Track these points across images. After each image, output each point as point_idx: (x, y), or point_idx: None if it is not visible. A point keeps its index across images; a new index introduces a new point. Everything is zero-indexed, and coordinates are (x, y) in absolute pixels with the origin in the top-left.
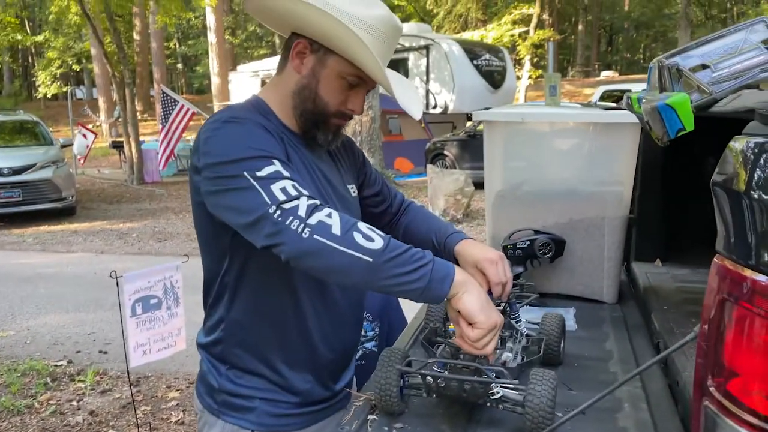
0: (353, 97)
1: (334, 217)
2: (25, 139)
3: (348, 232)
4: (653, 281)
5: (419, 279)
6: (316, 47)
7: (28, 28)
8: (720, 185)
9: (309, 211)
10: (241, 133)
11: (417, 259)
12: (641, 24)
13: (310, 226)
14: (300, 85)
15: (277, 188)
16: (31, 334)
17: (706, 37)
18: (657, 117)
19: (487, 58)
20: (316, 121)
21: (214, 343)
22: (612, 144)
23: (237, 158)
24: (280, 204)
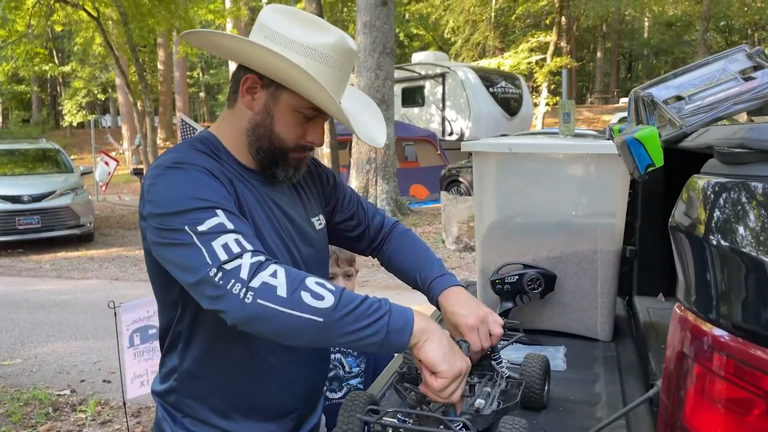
0: (311, 129)
1: (279, 277)
2: (46, 167)
3: (295, 293)
4: (654, 317)
5: (376, 333)
6: (266, 82)
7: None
8: (678, 228)
9: (252, 272)
10: (183, 180)
11: (372, 312)
12: (660, 51)
13: (252, 290)
14: (254, 122)
15: (218, 245)
16: (38, 362)
17: (686, 66)
18: (627, 151)
19: (503, 85)
20: (275, 158)
21: (168, 392)
22: (603, 175)
23: (177, 210)
24: (222, 265)
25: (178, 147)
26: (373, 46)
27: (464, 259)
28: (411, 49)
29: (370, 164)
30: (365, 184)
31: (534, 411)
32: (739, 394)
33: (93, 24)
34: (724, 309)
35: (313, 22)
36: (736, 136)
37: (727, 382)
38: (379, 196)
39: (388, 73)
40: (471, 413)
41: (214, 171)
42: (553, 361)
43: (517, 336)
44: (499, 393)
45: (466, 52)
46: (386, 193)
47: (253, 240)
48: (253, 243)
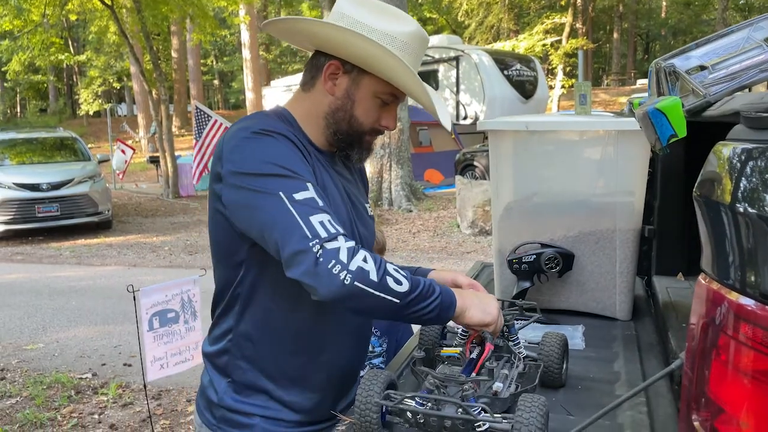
0: (386, 113)
1: (369, 262)
2: (64, 155)
3: (383, 278)
4: (674, 297)
5: (432, 310)
6: (348, 68)
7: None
8: (703, 197)
9: (350, 255)
10: (275, 147)
11: (431, 294)
12: (679, 31)
13: (351, 273)
14: (334, 106)
15: (316, 221)
16: (60, 346)
17: (708, 36)
18: (648, 123)
19: (518, 68)
20: (351, 140)
21: (219, 353)
22: (622, 153)
23: (271, 173)
24: (323, 243)
25: (260, 115)
26: None
27: (479, 243)
28: None
29: (384, 149)
30: (380, 170)
31: (552, 389)
32: (766, 363)
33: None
34: (751, 277)
35: (390, 11)
36: (764, 100)
37: (754, 351)
38: (393, 181)
39: None
40: (489, 396)
41: (299, 145)
42: (572, 340)
43: (535, 317)
44: (517, 375)
45: (480, 35)
46: (401, 179)
47: (338, 213)
48: (339, 215)
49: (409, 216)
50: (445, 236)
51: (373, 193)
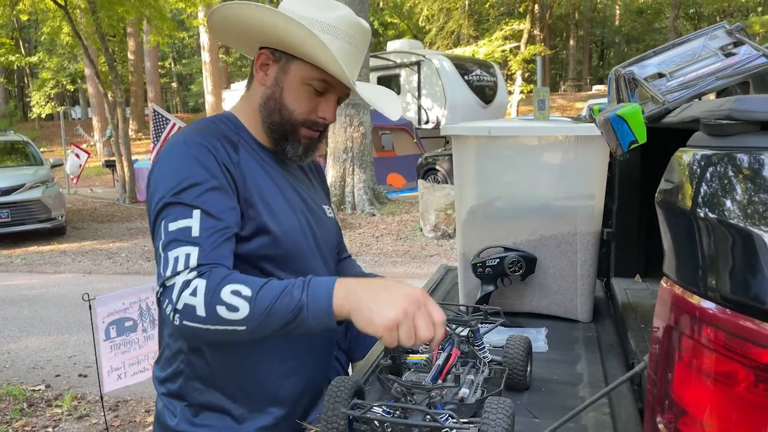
0: (323, 104)
1: (198, 294)
2: (15, 160)
3: (211, 310)
4: (632, 298)
5: (300, 324)
6: (278, 56)
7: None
8: (664, 202)
9: (179, 293)
10: (180, 167)
11: (290, 308)
12: (632, 38)
13: (179, 312)
14: (265, 96)
15: (173, 256)
16: (11, 357)
17: (665, 44)
18: (609, 129)
19: (478, 73)
20: (285, 132)
21: (173, 377)
22: (582, 157)
23: (161, 200)
24: (165, 280)
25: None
26: None
27: (442, 246)
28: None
29: (347, 153)
30: (342, 173)
31: (517, 392)
32: (728, 365)
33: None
34: (712, 281)
35: (325, 2)
36: (723, 107)
37: (716, 353)
38: (356, 185)
39: (363, 61)
40: (455, 403)
41: (222, 158)
42: (535, 342)
43: (499, 321)
44: (482, 380)
45: (441, 40)
46: (363, 182)
47: (211, 240)
48: (207, 249)
49: (372, 220)
50: (409, 240)
51: (336, 197)
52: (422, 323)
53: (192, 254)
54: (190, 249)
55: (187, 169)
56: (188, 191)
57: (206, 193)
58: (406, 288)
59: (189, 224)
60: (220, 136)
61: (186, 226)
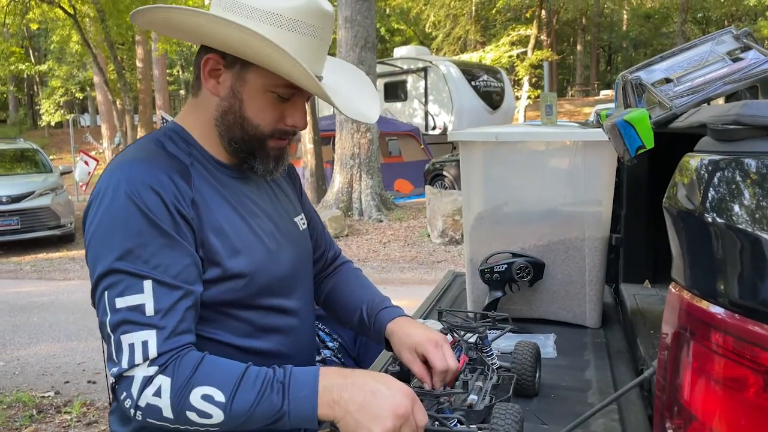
0: (290, 110)
1: (164, 396)
2: (25, 167)
3: (181, 414)
4: (641, 304)
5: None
6: (230, 60)
7: (32, 57)
8: (672, 207)
9: (140, 389)
10: (125, 225)
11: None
12: (639, 43)
13: (141, 409)
14: (221, 109)
15: (126, 342)
16: (21, 364)
17: (673, 50)
18: (617, 134)
19: (485, 79)
20: (251, 148)
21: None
22: (589, 163)
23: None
24: (121, 372)
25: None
26: (354, 41)
27: (450, 252)
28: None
29: (354, 159)
30: (349, 180)
31: (526, 398)
32: (737, 370)
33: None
34: (720, 286)
35: None
36: (730, 112)
37: (725, 359)
38: (363, 191)
39: (370, 67)
40: (464, 409)
41: (174, 201)
42: (544, 348)
43: (508, 328)
44: (491, 387)
45: (448, 46)
46: (371, 188)
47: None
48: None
49: (379, 226)
50: (416, 246)
51: (344, 204)
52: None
53: (150, 341)
54: (147, 334)
55: (131, 223)
56: (134, 254)
57: (156, 255)
58: (394, 390)
59: (141, 301)
60: (167, 166)
61: (138, 304)
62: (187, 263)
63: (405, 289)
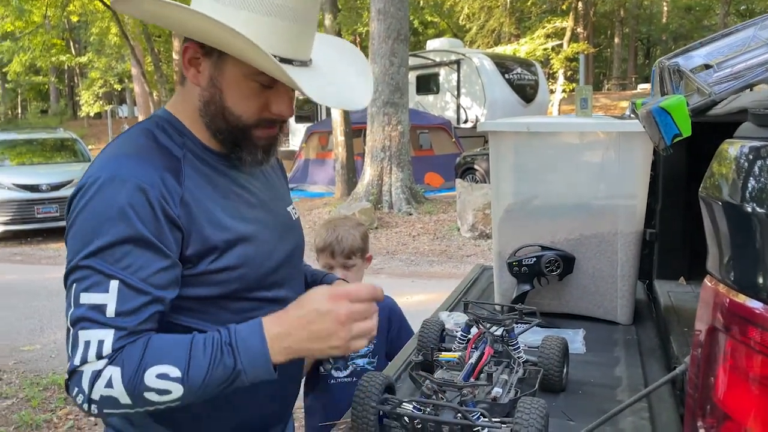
0: (274, 98)
1: (116, 385)
2: (64, 156)
3: (138, 397)
4: (676, 301)
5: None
6: (207, 50)
7: (72, 49)
8: (708, 196)
9: (91, 383)
10: (106, 217)
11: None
12: (679, 36)
13: (95, 402)
14: (204, 99)
15: (83, 339)
16: (57, 348)
17: (712, 35)
18: (652, 122)
19: (519, 72)
20: (236, 138)
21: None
22: (623, 155)
23: (79, 252)
24: (74, 368)
25: (130, 140)
26: (387, 33)
27: (479, 246)
28: (425, 36)
29: (385, 152)
30: (380, 172)
31: (552, 393)
32: None
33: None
34: (759, 279)
35: None
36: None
37: (762, 355)
38: (393, 184)
39: (402, 60)
40: (488, 402)
41: (159, 198)
42: (572, 344)
43: (535, 322)
44: (516, 380)
45: (481, 38)
46: (401, 181)
47: (130, 319)
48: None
49: (409, 219)
50: (445, 239)
51: (373, 196)
52: (359, 326)
53: (106, 340)
54: (104, 333)
55: (109, 220)
56: (107, 253)
57: (129, 255)
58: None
59: (104, 301)
60: (158, 162)
61: (100, 304)
62: (160, 267)
63: (434, 283)
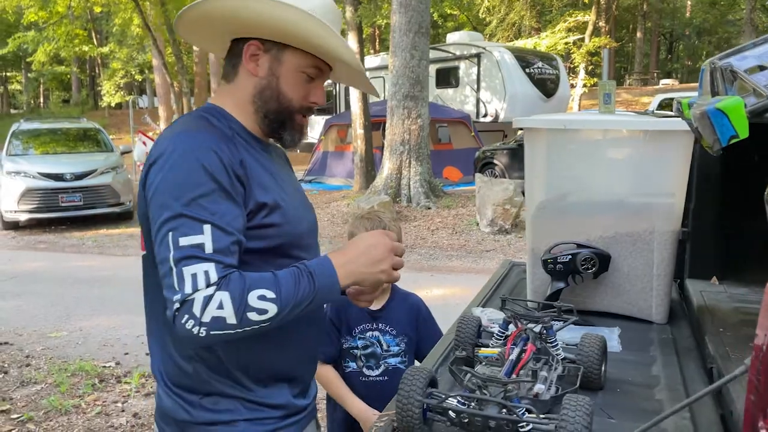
0: (314, 89)
1: (226, 306)
2: (87, 146)
3: (243, 317)
4: (708, 301)
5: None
6: (268, 46)
7: (95, 39)
8: None
9: (203, 306)
10: (189, 175)
11: (307, 295)
12: (703, 30)
13: (205, 325)
14: (260, 87)
15: (188, 273)
16: (83, 335)
17: (766, 36)
18: (707, 123)
19: (540, 66)
20: (282, 120)
21: (181, 374)
22: (663, 153)
23: (168, 210)
24: (185, 297)
25: (191, 123)
26: (408, 26)
27: (499, 242)
28: (445, 29)
29: (404, 146)
30: (399, 166)
31: (590, 391)
32: None
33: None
34: None
35: None
36: None
37: None
38: (412, 177)
39: (423, 53)
40: (529, 398)
41: (229, 161)
42: (608, 342)
43: (572, 319)
44: (556, 378)
45: (501, 32)
46: (420, 175)
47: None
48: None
49: (427, 213)
50: (464, 234)
51: (392, 189)
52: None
53: (210, 271)
54: (207, 266)
55: (194, 177)
56: (197, 203)
57: (215, 204)
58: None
59: (201, 240)
60: (218, 134)
61: (199, 243)
62: (237, 214)
63: (453, 277)
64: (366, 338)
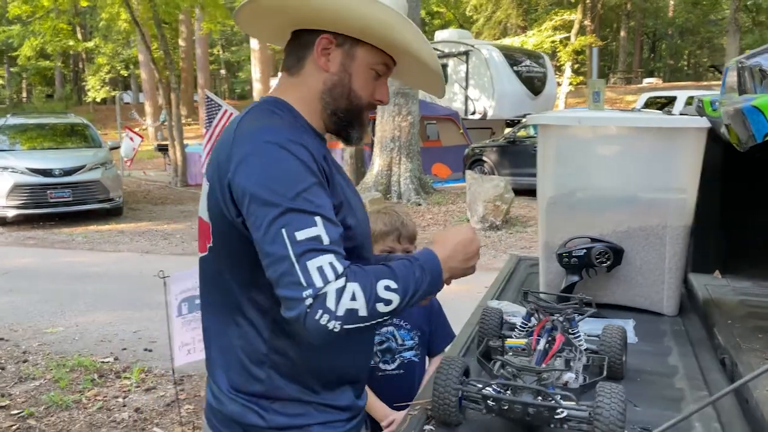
0: (379, 87)
1: (358, 298)
2: (76, 142)
3: (373, 309)
4: (713, 294)
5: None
6: (341, 41)
7: (79, 34)
8: None
9: (337, 299)
10: (290, 169)
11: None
12: (686, 30)
13: (340, 318)
14: (330, 83)
15: (314, 266)
16: (80, 330)
17: None
18: (740, 120)
19: (528, 64)
20: (351, 118)
21: (254, 382)
22: (676, 149)
23: (277, 204)
24: (317, 292)
25: (270, 115)
26: None
27: (490, 238)
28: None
29: (394, 143)
30: (389, 163)
31: (612, 381)
32: None
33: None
34: None
35: None
36: None
37: None
38: (402, 174)
39: None
40: (560, 386)
41: (317, 155)
42: None
43: (591, 311)
44: (581, 367)
45: (488, 30)
46: (410, 172)
47: (339, 247)
48: (340, 254)
49: (418, 209)
50: None
51: (383, 186)
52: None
53: (334, 262)
54: (329, 257)
55: (293, 172)
56: (303, 196)
57: (318, 198)
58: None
59: (317, 233)
60: (301, 128)
61: (315, 235)
62: (332, 204)
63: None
64: (381, 334)
